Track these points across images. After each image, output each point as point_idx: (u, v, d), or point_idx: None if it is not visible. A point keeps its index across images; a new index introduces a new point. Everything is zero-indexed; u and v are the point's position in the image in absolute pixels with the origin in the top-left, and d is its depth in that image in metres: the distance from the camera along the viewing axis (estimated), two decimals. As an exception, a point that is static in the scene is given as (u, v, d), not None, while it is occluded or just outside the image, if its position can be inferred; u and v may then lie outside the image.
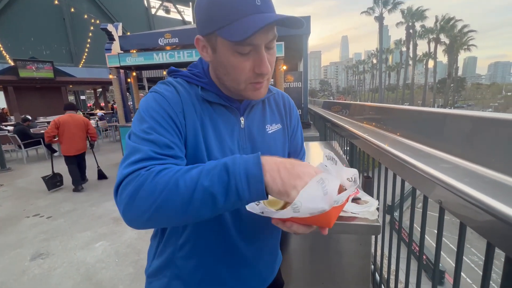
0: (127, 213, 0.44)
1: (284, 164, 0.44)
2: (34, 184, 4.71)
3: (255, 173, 0.42)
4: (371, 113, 1.93)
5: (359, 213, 0.91)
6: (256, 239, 0.67)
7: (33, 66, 10.67)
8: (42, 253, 2.50)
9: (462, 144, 0.83)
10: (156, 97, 0.55)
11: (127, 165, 0.46)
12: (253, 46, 0.50)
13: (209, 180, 0.41)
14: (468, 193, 0.61)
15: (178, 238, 0.62)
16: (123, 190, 0.44)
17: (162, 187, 0.42)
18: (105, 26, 5.28)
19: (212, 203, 0.42)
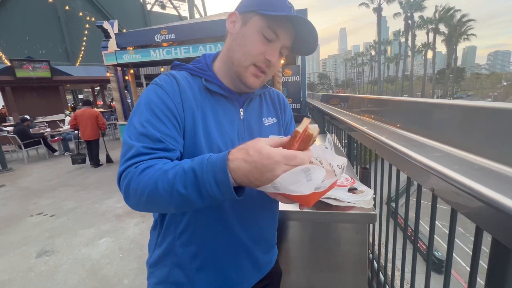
0: (127, 202, 0.53)
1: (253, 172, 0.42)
2: (36, 184, 4.74)
3: (223, 180, 0.43)
4: (368, 105, 1.95)
5: (355, 202, 0.94)
6: (254, 225, 0.69)
7: (29, 65, 10.60)
8: (47, 250, 2.54)
9: (453, 133, 0.86)
10: (156, 89, 0.59)
11: (122, 162, 0.53)
12: (276, 37, 0.59)
13: (183, 186, 0.45)
14: (457, 180, 0.64)
15: (177, 226, 0.64)
16: (121, 185, 0.52)
17: (144, 187, 0.48)
18: (101, 24, 5.23)
19: (190, 205, 0.48)
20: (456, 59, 47.38)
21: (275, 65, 0.62)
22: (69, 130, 7.38)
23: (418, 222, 0.93)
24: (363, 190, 0.99)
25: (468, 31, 39.32)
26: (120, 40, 5.35)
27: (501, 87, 55.19)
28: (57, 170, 5.65)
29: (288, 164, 0.42)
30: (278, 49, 0.61)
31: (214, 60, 0.69)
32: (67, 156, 6.99)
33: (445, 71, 45.96)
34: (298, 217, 1.01)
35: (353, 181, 1.04)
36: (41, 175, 5.29)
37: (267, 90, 0.76)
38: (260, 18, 0.58)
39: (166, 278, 0.67)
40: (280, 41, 0.60)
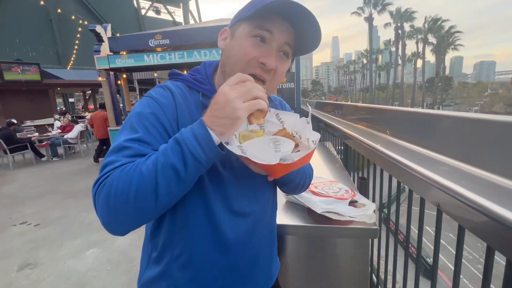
0: (108, 216, 0.46)
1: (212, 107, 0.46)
2: (21, 191, 4.55)
3: (201, 132, 0.45)
4: (363, 113, 1.94)
5: (356, 216, 0.90)
6: (253, 245, 0.65)
7: (18, 68, 10.34)
8: (30, 262, 2.41)
9: (458, 146, 0.83)
10: (150, 103, 0.55)
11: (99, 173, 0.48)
12: (269, 35, 0.52)
13: (165, 156, 0.44)
14: (466, 196, 0.61)
15: (174, 248, 0.59)
16: (99, 195, 0.46)
17: (130, 180, 0.44)
18: (94, 27, 5.15)
19: (175, 175, 0.44)
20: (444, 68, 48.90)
21: (275, 68, 0.53)
22: (59, 134, 7.18)
23: (421, 239, 0.90)
24: (365, 204, 0.96)
25: (456, 41, 40.72)
26: (113, 44, 5.28)
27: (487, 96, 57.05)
28: (44, 176, 5.46)
29: (229, 83, 0.46)
30: (274, 49, 0.53)
31: (216, 69, 0.64)
32: (55, 162, 6.78)
33: (434, 80, 47.29)
34: (297, 231, 0.96)
35: (353, 194, 1.01)
36: (27, 182, 5.09)
37: (273, 105, 0.70)
38: (247, 23, 0.53)
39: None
40: (275, 38, 0.52)
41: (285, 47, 0.54)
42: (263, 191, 0.67)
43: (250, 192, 0.63)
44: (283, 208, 1.08)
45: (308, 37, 0.55)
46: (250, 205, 0.63)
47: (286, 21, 0.52)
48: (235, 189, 0.60)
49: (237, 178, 0.60)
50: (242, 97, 0.45)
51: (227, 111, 0.44)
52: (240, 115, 0.45)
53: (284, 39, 0.53)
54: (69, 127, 7.38)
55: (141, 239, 2.37)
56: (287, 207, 1.09)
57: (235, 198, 0.60)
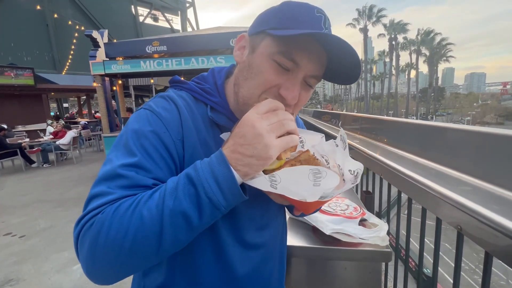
0: (92, 267, 0.36)
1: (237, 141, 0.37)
2: (7, 199, 4.37)
3: (223, 173, 0.36)
4: (361, 123, 1.90)
5: (368, 238, 0.82)
6: (264, 278, 0.57)
7: (11, 72, 10.18)
8: (12, 278, 2.25)
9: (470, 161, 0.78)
10: (151, 119, 0.44)
11: (84, 209, 0.39)
12: (294, 65, 0.43)
13: (175, 199, 0.35)
14: (494, 220, 0.55)
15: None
16: (82, 241, 0.36)
17: (126, 226, 0.34)
18: (90, 33, 5.10)
19: (186, 224, 0.36)
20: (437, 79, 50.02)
21: (298, 101, 0.45)
22: (50, 140, 7.01)
23: (437, 269, 0.83)
24: (376, 223, 0.89)
25: (448, 53, 41.87)
26: (110, 50, 5.22)
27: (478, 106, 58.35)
28: (33, 183, 5.27)
29: (266, 118, 0.37)
30: (299, 81, 0.44)
31: (227, 78, 0.54)
32: (46, 168, 6.58)
33: (427, 90, 48.26)
34: (303, 253, 0.88)
35: (362, 212, 0.94)
36: (15, 189, 4.90)
37: None
38: (273, 40, 0.43)
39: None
40: (302, 69, 0.43)
41: (311, 79, 0.45)
42: (276, 216, 0.60)
43: (263, 221, 0.55)
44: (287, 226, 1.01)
45: (342, 74, 0.47)
46: (262, 236, 0.55)
47: (320, 51, 0.43)
48: (247, 219, 0.52)
49: (249, 207, 0.51)
50: (274, 131, 0.37)
51: (258, 149, 0.36)
52: (273, 155, 0.37)
53: (313, 71, 0.44)
54: (61, 133, 7.21)
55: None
56: (291, 225, 1.01)
57: (247, 229, 0.52)
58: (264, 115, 0.38)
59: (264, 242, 0.56)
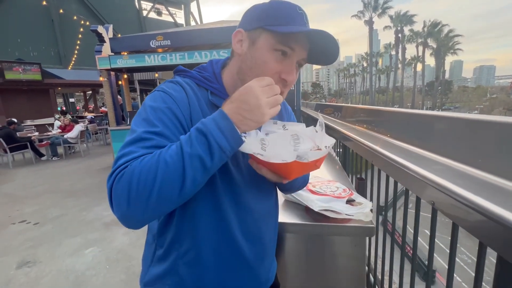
0: (126, 211, 0.44)
1: (241, 106, 0.48)
2: (20, 190, 4.56)
3: (228, 126, 0.46)
4: (362, 115, 1.95)
5: (353, 214, 0.91)
6: (259, 242, 0.66)
7: (19, 67, 10.37)
8: (29, 261, 2.41)
9: (452, 146, 0.85)
10: (164, 97, 0.54)
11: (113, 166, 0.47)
12: (291, 51, 0.54)
13: (190, 146, 0.44)
14: (460, 194, 0.62)
15: (182, 243, 0.60)
16: (115, 190, 0.44)
17: (154, 170, 0.43)
18: (95, 28, 5.19)
19: (202, 166, 0.45)
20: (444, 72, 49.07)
21: (293, 81, 0.56)
22: (59, 134, 7.20)
23: (417, 237, 0.91)
24: (361, 202, 0.97)
25: (456, 45, 40.92)
26: (115, 44, 5.31)
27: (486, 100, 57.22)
28: (43, 175, 5.46)
29: (261, 85, 0.48)
30: (294, 64, 0.55)
31: (223, 68, 0.64)
32: (55, 161, 6.78)
33: (434, 84, 47.44)
34: (296, 229, 0.98)
35: (350, 193, 1.02)
36: (26, 181, 5.10)
37: None
38: (270, 35, 0.53)
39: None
40: (296, 54, 0.54)
41: (301, 61, 0.57)
42: (267, 193, 0.70)
43: (256, 190, 0.65)
44: (281, 207, 1.10)
45: (324, 56, 0.58)
46: (256, 203, 0.65)
47: (307, 41, 0.55)
48: (243, 185, 0.61)
49: (244, 176, 0.62)
50: (270, 103, 0.49)
51: (257, 116, 0.47)
52: (265, 120, 0.49)
53: (303, 55, 0.56)
54: (69, 127, 7.39)
55: (140, 238, 2.41)
56: (286, 205, 1.10)
57: (243, 193, 0.62)
58: (264, 89, 0.48)
59: (258, 210, 0.65)
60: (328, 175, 1.52)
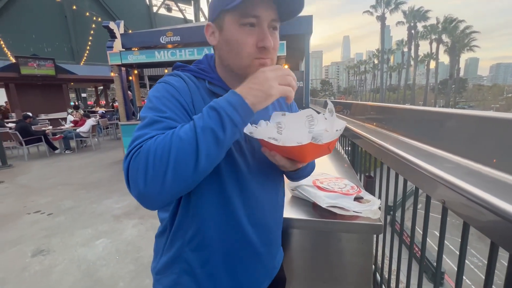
0: (144, 188, 0.44)
1: (250, 81, 0.50)
2: (35, 181, 4.72)
3: (237, 100, 0.48)
4: (372, 112, 1.92)
5: (361, 211, 0.91)
6: (264, 227, 0.68)
7: (34, 63, 10.66)
8: (43, 249, 2.50)
9: (465, 144, 0.83)
10: (167, 87, 0.56)
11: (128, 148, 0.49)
12: (257, 19, 0.54)
13: (202, 120, 0.46)
14: (472, 192, 0.61)
15: (186, 231, 0.61)
16: (132, 169, 0.45)
17: (169, 145, 0.44)
18: (107, 24, 5.27)
19: (214, 138, 0.45)
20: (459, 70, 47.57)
21: (273, 45, 0.57)
22: (71, 128, 7.39)
23: (425, 238, 0.90)
24: (370, 200, 0.96)
25: (472, 42, 39.53)
26: (126, 40, 5.38)
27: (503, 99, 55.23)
28: (57, 168, 5.63)
29: (275, 71, 0.51)
30: (266, 29, 0.55)
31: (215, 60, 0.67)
32: (67, 154, 6.98)
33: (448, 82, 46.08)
34: (303, 225, 0.98)
35: (359, 190, 1.02)
36: (41, 173, 5.27)
37: None
38: (231, 14, 0.55)
39: (174, 285, 0.64)
40: (264, 19, 0.54)
41: (273, 23, 0.57)
42: (273, 182, 0.71)
43: (261, 180, 0.66)
44: (288, 203, 1.10)
45: (290, 8, 0.57)
46: (261, 192, 0.66)
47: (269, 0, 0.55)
48: (249, 174, 0.63)
49: (249, 165, 0.63)
50: (278, 79, 0.50)
51: (264, 87, 0.49)
52: (274, 93, 0.49)
53: (271, 17, 0.55)
54: (81, 121, 7.58)
55: (149, 230, 2.45)
56: (293, 202, 1.11)
57: (248, 182, 0.63)
58: (273, 69, 0.51)
59: (262, 195, 0.66)
60: (336, 173, 1.51)
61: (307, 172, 0.75)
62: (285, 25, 3.33)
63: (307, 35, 5.05)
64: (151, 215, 3.13)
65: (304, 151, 0.51)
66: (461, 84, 51.92)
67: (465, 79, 63.48)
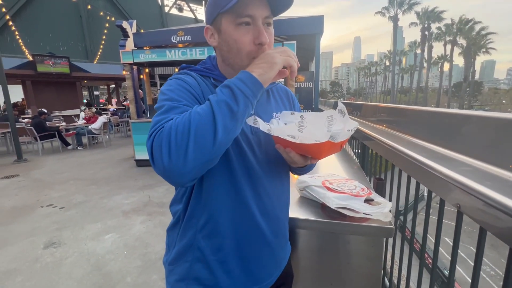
0: (168, 163, 0.46)
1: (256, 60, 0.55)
2: (48, 175, 4.86)
3: (245, 75, 0.52)
4: (383, 114, 1.89)
5: (372, 214, 0.89)
6: (274, 217, 0.69)
7: (50, 61, 10.99)
8: (55, 242, 2.57)
9: (482, 147, 0.80)
10: (179, 82, 0.61)
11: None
12: (251, 18, 0.58)
13: (217, 97, 0.49)
14: (490, 196, 0.59)
15: (199, 218, 0.63)
16: (156, 145, 0.47)
17: (188, 121, 0.47)
18: (120, 23, 5.36)
19: (229, 110, 0.48)
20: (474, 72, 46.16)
21: (269, 41, 0.60)
22: (84, 125, 7.57)
23: (438, 244, 0.88)
24: (380, 202, 0.94)
25: (488, 44, 38.30)
26: (138, 39, 5.47)
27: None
28: (69, 163, 5.78)
29: (276, 50, 0.56)
30: (261, 26, 0.59)
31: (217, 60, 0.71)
32: (79, 150, 7.15)
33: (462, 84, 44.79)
34: (311, 226, 0.97)
35: (369, 192, 0.99)
36: (54, 168, 5.42)
37: (274, 85, 0.77)
38: (227, 16, 0.58)
39: (187, 274, 0.65)
40: (258, 17, 0.58)
41: (267, 20, 0.60)
42: (281, 176, 0.73)
43: (270, 174, 0.69)
44: (297, 203, 1.09)
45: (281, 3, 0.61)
46: (270, 185, 0.68)
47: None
48: (259, 168, 0.65)
49: (259, 160, 0.66)
50: (279, 53, 0.55)
51: (267, 58, 0.54)
52: (277, 62, 0.53)
53: (264, 14, 0.59)
54: (93, 119, 7.75)
55: (156, 227, 2.49)
56: (301, 202, 1.10)
57: (259, 175, 0.65)
58: (273, 48, 0.57)
59: (272, 190, 0.69)
60: (345, 174, 1.49)
61: (311, 167, 0.79)
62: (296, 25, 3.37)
63: (317, 36, 5.00)
64: (159, 212, 3.17)
65: (320, 148, 0.55)
66: (476, 87, 50.36)
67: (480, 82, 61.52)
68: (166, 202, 3.49)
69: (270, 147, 0.66)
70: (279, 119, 0.66)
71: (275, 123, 0.63)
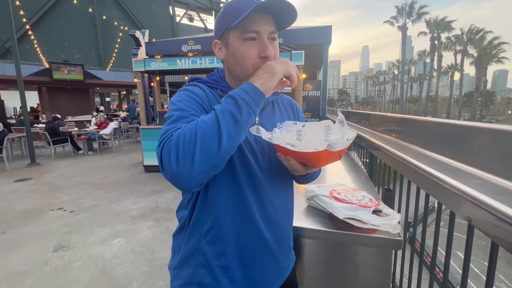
0: (176, 168, 0.49)
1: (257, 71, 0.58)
2: (59, 179, 4.97)
3: (248, 85, 0.54)
4: (392, 124, 1.88)
5: (380, 225, 0.88)
6: (277, 225, 0.71)
7: (65, 68, 11.41)
8: (64, 245, 2.61)
9: (494, 160, 0.79)
10: (188, 93, 0.64)
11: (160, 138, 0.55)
12: (257, 34, 0.61)
13: (222, 106, 0.52)
14: (501, 210, 0.58)
15: (204, 223, 0.65)
16: (165, 152, 0.50)
17: (195, 129, 0.50)
18: (133, 33, 5.55)
19: (233, 118, 0.51)
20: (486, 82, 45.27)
21: (274, 54, 0.63)
22: (95, 130, 7.76)
23: (449, 258, 0.86)
24: (389, 213, 0.94)
25: (500, 53, 37.65)
26: (150, 48, 5.64)
27: (535, 114, 51.70)
28: (80, 167, 5.91)
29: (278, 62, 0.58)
30: (266, 41, 0.62)
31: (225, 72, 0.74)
32: (90, 155, 7.31)
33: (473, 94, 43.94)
34: (317, 235, 0.96)
35: (377, 203, 0.99)
36: (65, 172, 5.55)
37: (279, 97, 0.80)
38: (234, 31, 0.62)
39: (191, 279, 0.66)
40: (263, 32, 0.62)
41: (272, 35, 0.64)
42: (284, 185, 0.75)
43: (273, 183, 0.70)
44: (304, 212, 1.09)
45: (286, 19, 0.64)
46: (273, 194, 0.70)
47: (264, 13, 0.61)
48: (262, 178, 0.67)
49: (262, 169, 0.68)
50: (279, 63, 0.58)
51: (268, 69, 0.57)
52: (277, 71, 0.56)
53: (269, 29, 0.63)
54: (104, 124, 7.94)
55: (163, 233, 2.51)
56: (308, 211, 1.10)
57: (262, 185, 0.67)
58: (276, 61, 0.59)
59: (275, 198, 0.70)
60: (353, 184, 1.48)
61: (314, 177, 0.80)
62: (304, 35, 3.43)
63: (325, 45, 5.05)
64: (166, 218, 3.19)
65: (319, 156, 0.56)
66: (488, 97, 49.31)
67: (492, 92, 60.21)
68: (173, 208, 3.51)
69: (273, 156, 0.68)
70: (282, 129, 0.69)
71: (277, 132, 0.66)
